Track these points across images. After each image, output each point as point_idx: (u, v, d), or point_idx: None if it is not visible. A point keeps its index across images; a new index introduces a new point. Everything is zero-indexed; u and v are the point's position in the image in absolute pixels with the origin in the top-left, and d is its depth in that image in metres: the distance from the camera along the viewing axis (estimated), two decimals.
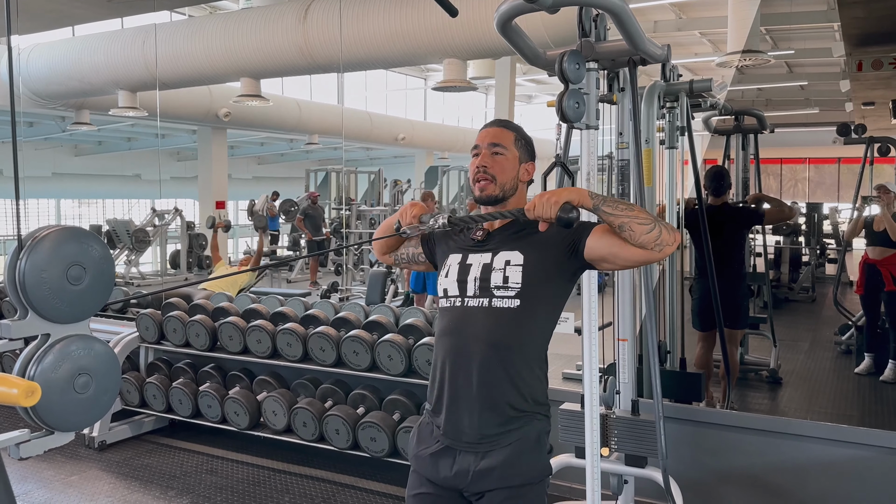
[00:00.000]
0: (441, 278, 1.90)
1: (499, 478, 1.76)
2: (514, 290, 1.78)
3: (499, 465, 1.76)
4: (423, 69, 18.14)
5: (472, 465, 1.78)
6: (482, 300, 1.80)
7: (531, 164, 1.92)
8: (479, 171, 1.86)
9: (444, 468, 1.81)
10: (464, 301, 1.83)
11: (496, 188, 1.85)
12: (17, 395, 1.28)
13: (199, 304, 4.79)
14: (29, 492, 3.88)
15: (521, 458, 1.78)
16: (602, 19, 2.74)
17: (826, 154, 18.44)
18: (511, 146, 1.88)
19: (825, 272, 10.35)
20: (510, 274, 1.79)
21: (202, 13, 11.59)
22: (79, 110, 10.90)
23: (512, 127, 1.93)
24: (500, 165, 1.86)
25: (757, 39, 8.22)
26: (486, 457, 1.78)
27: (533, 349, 1.82)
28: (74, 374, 1.55)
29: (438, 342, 1.88)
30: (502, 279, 1.79)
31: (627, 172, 3.10)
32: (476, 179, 1.87)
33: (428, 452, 1.85)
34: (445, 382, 1.83)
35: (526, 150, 1.91)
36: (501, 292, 1.78)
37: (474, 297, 1.81)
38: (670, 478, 2.78)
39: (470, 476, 1.78)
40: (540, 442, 1.83)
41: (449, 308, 1.86)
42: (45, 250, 1.49)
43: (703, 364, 4.52)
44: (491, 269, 1.81)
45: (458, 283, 1.84)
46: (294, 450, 4.29)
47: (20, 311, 1.52)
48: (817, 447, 3.31)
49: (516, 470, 1.77)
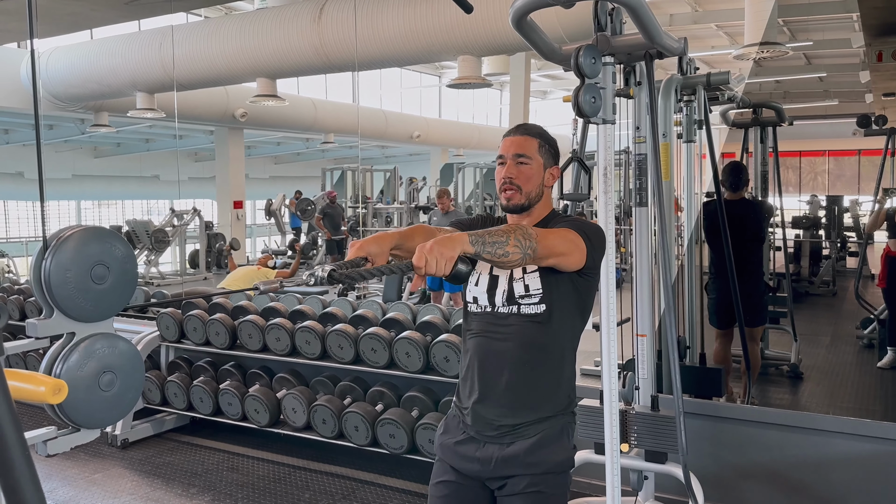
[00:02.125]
0: (471, 286, 1.94)
1: (521, 464, 1.82)
2: (537, 296, 1.83)
3: (522, 452, 1.82)
4: (438, 66, 18.13)
5: (496, 453, 1.84)
6: (511, 307, 1.86)
7: (556, 168, 1.96)
8: (505, 182, 1.90)
9: (469, 457, 1.87)
10: (494, 308, 1.89)
11: (522, 197, 1.89)
12: (44, 393, 1.30)
13: (218, 303, 4.83)
14: (54, 489, 3.94)
15: (544, 447, 1.83)
16: (618, 13, 2.72)
17: (846, 146, 18.20)
18: (535, 154, 1.91)
19: (846, 265, 10.23)
20: (530, 282, 1.84)
21: (218, 14, 11.66)
22: (98, 112, 11.01)
23: (535, 132, 1.94)
24: (526, 175, 1.89)
25: (775, 31, 8.12)
26: (510, 446, 1.84)
27: (560, 350, 1.88)
28: (99, 371, 1.57)
29: (470, 341, 1.93)
30: (524, 288, 1.84)
31: (645, 167, 3.09)
32: (503, 189, 1.91)
33: (453, 441, 1.92)
34: (476, 380, 1.88)
35: (550, 155, 1.94)
36: (527, 300, 1.84)
37: (504, 305, 1.87)
38: (691, 473, 2.77)
39: (493, 463, 1.84)
40: (564, 434, 1.88)
41: (480, 313, 1.92)
42: (69, 250, 1.51)
43: (722, 359, 4.48)
44: (513, 279, 1.86)
45: (487, 295, 1.90)
46: (314, 447, 4.32)
47: (46, 311, 1.54)
48: (840, 442, 3.27)
49: (539, 458, 1.82)
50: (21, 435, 0.67)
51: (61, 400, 1.33)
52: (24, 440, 0.68)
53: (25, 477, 0.66)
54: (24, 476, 0.66)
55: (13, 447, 0.65)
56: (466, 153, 19.23)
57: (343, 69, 8.17)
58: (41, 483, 0.67)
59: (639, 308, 3.10)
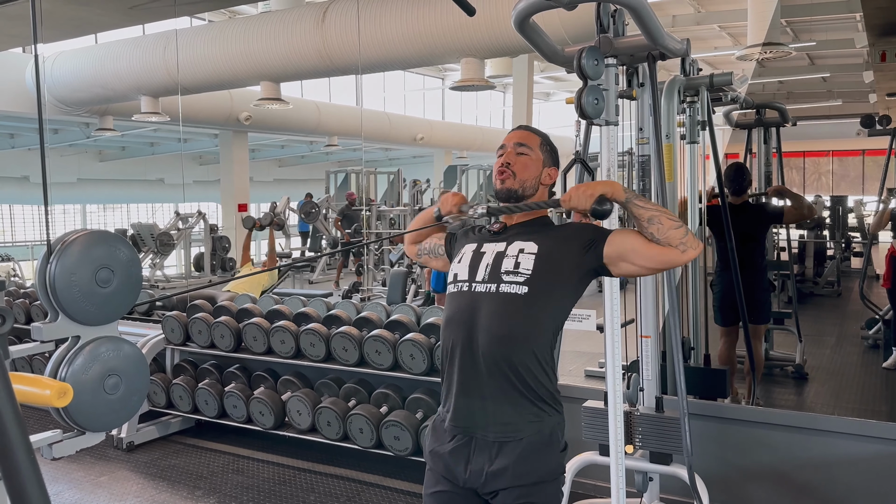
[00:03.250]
0: (454, 264, 1.92)
1: (512, 476, 1.76)
2: (524, 276, 1.78)
3: (511, 463, 1.76)
4: (441, 69, 18.13)
5: (486, 465, 1.77)
6: (490, 286, 1.80)
7: (554, 170, 1.97)
8: (502, 166, 1.92)
9: (459, 469, 1.81)
10: (472, 287, 1.83)
11: (515, 182, 1.89)
12: (49, 396, 1.31)
13: (223, 306, 4.84)
14: (60, 492, 3.95)
15: (534, 455, 1.77)
16: (620, 15, 2.73)
17: (850, 146, 18.13)
18: (536, 148, 1.94)
19: (850, 266, 10.20)
20: (522, 261, 1.80)
21: (221, 18, 11.69)
22: (102, 116, 11.05)
23: (538, 133, 1.99)
24: (523, 163, 1.91)
25: (777, 32, 8.12)
26: (499, 454, 1.77)
27: (538, 340, 1.79)
28: (104, 375, 1.57)
29: (445, 330, 1.87)
30: (513, 265, 1.80)
31: (648, 168, 3.09)
32: (498, 172, 1.92)
33: (443, 450, 1.84)
34: (455, 371, 1.82)
35: (550, 156, 1.97)
36: (510, 277, 1.78)
37: (482, 282, 1.82)
38: (696, 475, 2.77)
39: (484, 476, 1.78)
40: (553, 438, 1.81)
41: (456, 293, 1.87)
42: (74, 254, 1.52)
43: (726, 360, 4.48)
44: (504, 256, 1.83)
45: (468, 269, 1.86)
46: (319, 449, 4.32)
47: (51, 314, 1.55)
48: (845, 443, 3.27)
49: (529, 467, 1.76)
50: (26, 438, 0.67)
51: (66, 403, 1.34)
52: (30, 443, 0.68)
53: (31, 480, 0.66)
54: (30, 479, 0.66)
55: (19, 450, 0.66)
56: (470, 155, 19.24)
57: (346, 72, 8.18)
58: (47, 486, 0.68)
59: (643, 309, 3.10)
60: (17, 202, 16.44)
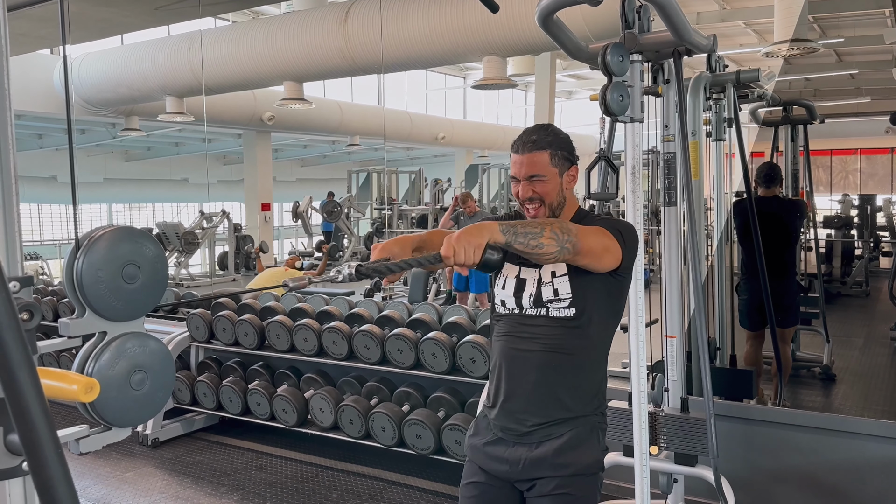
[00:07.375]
0: (497, 289, 1.92)
1: (550, 466, 1.80)
2: (567, 300, 1.80)
3: (551, 453, 1.80)
4: (462, 68, 18.11)
5: (525, 454, 1.83)
6: (539, 310, 1.84)
7: (574, 168, 1.89)
8: (525, 200, 1.85)
9: (498, 458, 1.86)
10: (522, 311, 1.87)
11: (545, 209, 1.85)
12: (76, 392, 1.31)
13: (247, 304, 4.87)
14: (86, 488, 4.00)
15: (573, 449, 1.81)
16: (645, 11, 2.69)
17: (878, 144, 17.84)
18: (548, 168, 1.82)
19: (879, 265, 10.03)
20: (559, 286, 1.81)
21: (245, 19, 11.78)
22: (128, 117, 11.18)
23: (543, 143, 1.82)
24: (544, 190, 1.83)
25: (805, 28, 7.99)
26: (539, 447, 1.82)
27: (589, 354, 1.85)
28: (130, 371, 1.58)
29: (497, 343, 1.92)
30: (552, 292, 1.81)
31: (674, 166, 3.05)
32: (524, 206, 1.86)
33: (482, 442, 1.91)
34: (503, 381, 1.88)
35: (565, 159, 1.85)
36: (556, 304, 1.81)
37: (531, 308, 1.85)
38: (722, 477, 2.73)
39: (522, 464, 1.82)
40: (593, 436, 1.85)
41: (507, 315, 1.90)
42: (101, 250, 1.53)
43: (752, 361, 4.42)
44: (541, 283, 1.83)
45: (514, 298, 1.87)
46: (341, 447, 4.34)
47: (78, 310, 1.56)
48: (875, 446, 3.20)
49: (568, 459, 1.80)
50: (54, 433, 0.67)
51: (93, 398, 1.34)
52: (58, 438, 0.68)
53: (58, 474, 0.66)
54: (58, 473, 0.66)
55: (47, 445, 0.66)
56: (491, 154, 19.19)
57: (368, 72, 8.20)
58: (74, 481, 0.68)
59: (668, 309, 3.06)
60: (46, 202, 16.69)
